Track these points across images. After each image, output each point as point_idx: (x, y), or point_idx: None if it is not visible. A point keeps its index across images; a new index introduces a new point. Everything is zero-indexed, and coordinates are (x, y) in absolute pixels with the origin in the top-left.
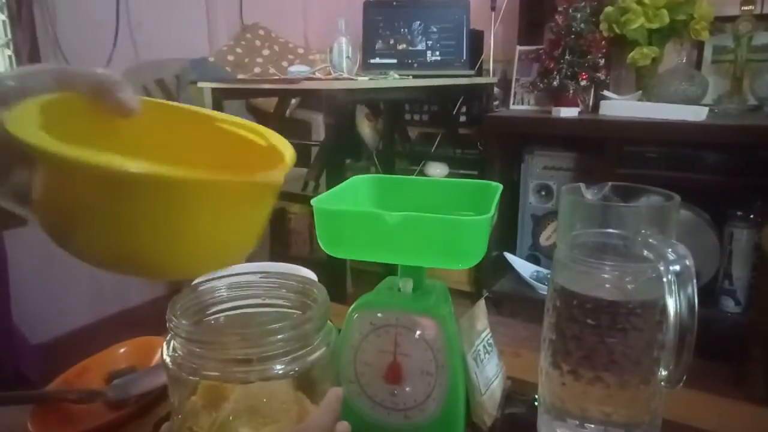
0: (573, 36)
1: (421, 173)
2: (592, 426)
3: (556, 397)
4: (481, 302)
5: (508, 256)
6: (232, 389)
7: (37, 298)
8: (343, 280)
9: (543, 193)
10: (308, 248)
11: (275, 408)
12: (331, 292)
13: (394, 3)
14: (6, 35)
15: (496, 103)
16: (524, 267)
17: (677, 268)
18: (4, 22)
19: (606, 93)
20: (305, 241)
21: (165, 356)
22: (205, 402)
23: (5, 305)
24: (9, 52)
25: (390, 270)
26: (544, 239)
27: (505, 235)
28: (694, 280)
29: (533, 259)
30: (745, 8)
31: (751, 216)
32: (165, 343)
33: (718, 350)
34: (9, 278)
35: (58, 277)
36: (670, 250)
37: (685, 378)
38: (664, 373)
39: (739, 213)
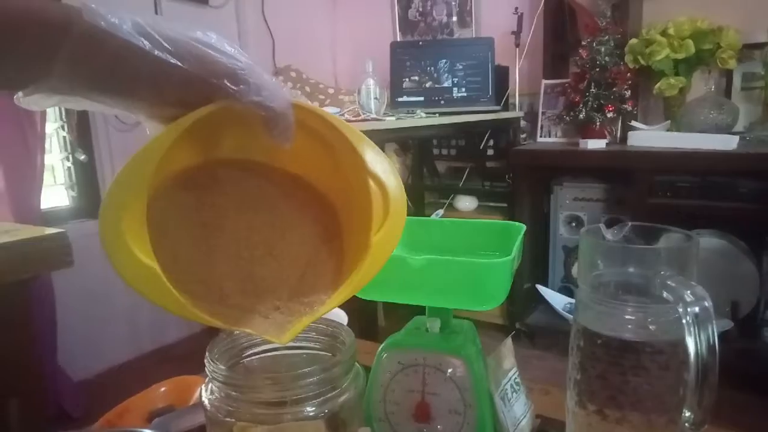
0: (598, 69)
1: (451, 207)
2: None
3: None
4: (508, 341)
5: (540, 288)
6: (266, 430)
7: (79, 337)
8: (374, 314)
9: (573, 224)
10: None
11: None
12: (362, 327)
13: (420, 43)
14: None
15: (523, 136)
16: (557, 299)
17: (696, 309)
18: None
19: (634, 123)
20: None
21: (204, 398)
22: None
23: (52, 346)
24: None
25: (420, 306)
26: (577, 271)
27: (536, 266)
28: (714, 321)
29: (566, 291)
30: None
31: None
32: (203, 385)
33: (761, 384)
34: (57, 320)
35: (98, 315)
36: (688, 291)
37: (726, 414)
38: (687, 414)
39: None
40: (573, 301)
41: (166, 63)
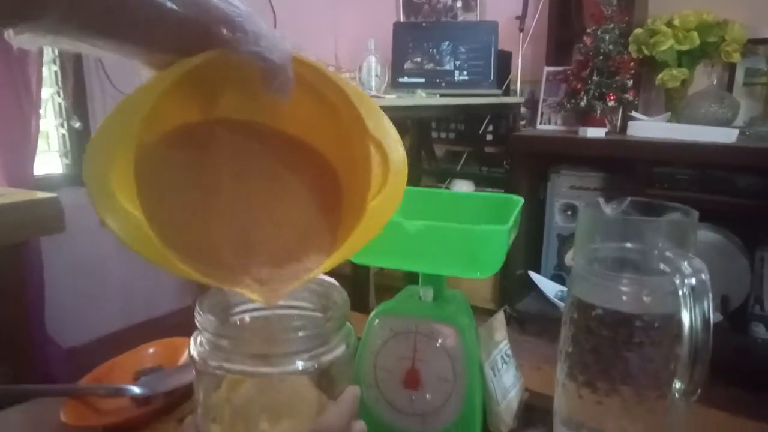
0: (601, 57)
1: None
2: None
3: (573, 410)
4: (500, 314)
5: (533, 275)
6: (255, 383)
7: (69, 304)
8: (366, 293)
9: (569, 212)
10: None
11: (295, 402)
12: (354, 306)
13: (424, 24)
14: (53, 52)
15: (523, 122)
16: (549, 286)
17: (693, 281)
18: None
19: (634, 114)
20: None
21: (192, 350)
22: (228, 395)
23: (40, 312)
24: (55, 67)
25: (412, 282)
26: (570, 259)
27: (530, 254)
28: (710, 295)
29: (558, 279)
30: None
31: None
32: (192, 338)
33: (748, 379)
34: (45, 286)
35: (89, 284)
36: (686, 263)
37: (713, 407)
38: (678, 385)
39: None
40: (565, 288)
41: (162, 6)
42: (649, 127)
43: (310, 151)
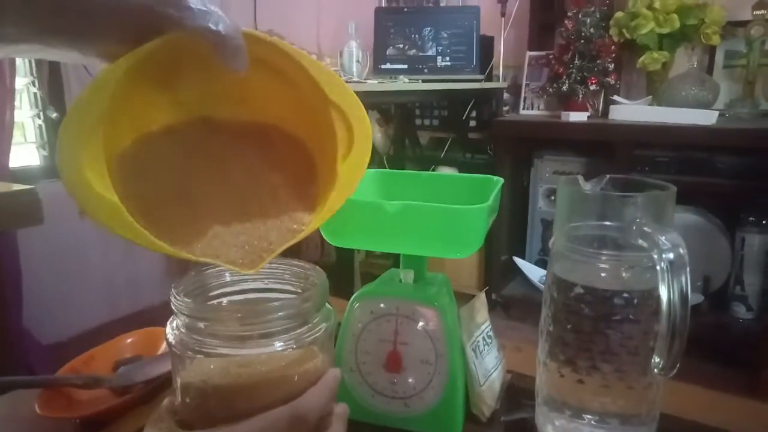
0: (583, 41)
1: None
2: (590, 417)
3: (554, 389)
4: (482, 295)
5: (517, 260)
6: (232, 363)
7: (49, 298)
8: (350, 284)
9: (552, 197)
10: (319, 252)
11: (274, 382)
12: (339, 295)
13: (405, 9)
14: None
15: (506, 108)
16: (533, 271)
17: (671, 256)
18: None
19: (616, 98)
20: (316, 244)
21: (168, 334)
22: (205, 376)
23: (17, 307)
24: None
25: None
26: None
27: (514, 239)
28: (687, 269)
29: (543, 264)
30: (758, 12)
31: (764, 221)
32: (168, 323)
33: (729, 357)
34: (22, 279)
35: (69, 279)
36: (663, 238)
37: (694, 379)
38: (657, 360)
39: (751, 218)
40: None
41: None
42: (630, 111)
43: (279, 132)
